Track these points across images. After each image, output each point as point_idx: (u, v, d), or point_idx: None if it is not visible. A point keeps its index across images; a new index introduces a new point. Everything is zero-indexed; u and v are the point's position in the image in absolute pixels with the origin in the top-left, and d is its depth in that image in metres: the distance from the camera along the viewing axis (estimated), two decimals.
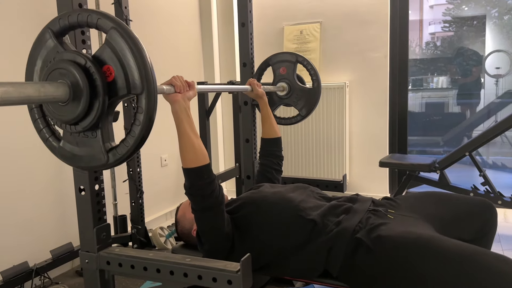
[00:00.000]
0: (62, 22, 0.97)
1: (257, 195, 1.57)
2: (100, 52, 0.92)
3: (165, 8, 3.16)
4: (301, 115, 2.25)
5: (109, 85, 0.92)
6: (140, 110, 0.92)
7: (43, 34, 0.99)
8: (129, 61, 0.90)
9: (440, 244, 1.22)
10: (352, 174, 3.44)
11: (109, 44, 0.91)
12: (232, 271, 1.13)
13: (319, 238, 1.39)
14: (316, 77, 2.20)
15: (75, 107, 0.91)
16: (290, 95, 2.23)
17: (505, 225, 2.86)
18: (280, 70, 2.23)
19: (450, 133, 4.66)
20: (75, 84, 0.89)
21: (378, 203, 1.54)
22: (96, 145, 0.97)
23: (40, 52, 1.00)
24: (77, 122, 0.95)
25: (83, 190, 1.31)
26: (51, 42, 0.98)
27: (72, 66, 0.90)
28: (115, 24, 0.90)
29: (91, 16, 0.93)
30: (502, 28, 5.21)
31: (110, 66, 0.91)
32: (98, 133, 0.96)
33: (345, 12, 3.33)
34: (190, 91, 1.41)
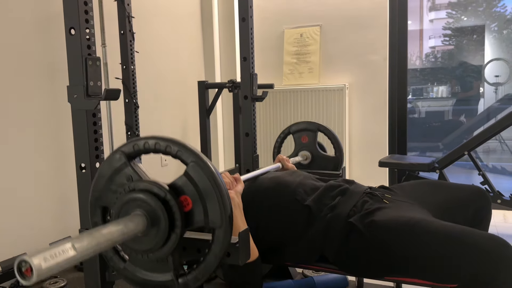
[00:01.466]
0: (136, 147, 0.96)
1: (254, 182, 1.58)
2: (178, 182, 0.92)
3: (167, 5, 3.22)
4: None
5: (186, 215, 0.92)
6: (216, 242, 0.92)
7: (115, 154, 0.99)
8: (209, 195, 0.91)
9: (429, 225, 1.23)
10: (351, 176, 3.44)
11: (188, 176, 0.91)
12: (231, 243, 1.13)
13: (314, 223, 1.40)
14: (338, 146, 2.27)
15: (151, 239, 0.90)
16: (312, 163, 2.29)
17: (504, 226, 2.86)
18: (301, 139, 2.29)
19: (449, 137, 4.68)
20: (152, 216, 0.89)
21: (375, 189, 1.56)
22: (166, 271, 0.96)
23: (111, 174, 0.99)
24: (152, 252, 0.93)
25: (84, 168, 1.32)
26: (123, 166, 0.98)
27: (151, 198, 0.89)
28: (195, 158, 0.91)
29: (170, 147, 0.93)
30: (502, 42, 5.27)
31: (187, 197, 0.92)
32: (169, 260, 0.95)
33: (345, 16, 3.38)
34: (239, 185, 1.43)
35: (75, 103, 1.30)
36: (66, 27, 1.29)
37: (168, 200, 0.90)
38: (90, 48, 1.31)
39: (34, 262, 0.64)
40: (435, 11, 6.78)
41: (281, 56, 3.59)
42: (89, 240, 0.75)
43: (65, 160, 2.31)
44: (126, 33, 2.36)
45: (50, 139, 2.28)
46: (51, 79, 2.24)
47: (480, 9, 5.72)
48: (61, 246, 0.69)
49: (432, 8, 6.76)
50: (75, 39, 1.28)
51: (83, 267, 1.40)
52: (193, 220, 0.92)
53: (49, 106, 2.26)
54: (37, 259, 0.65)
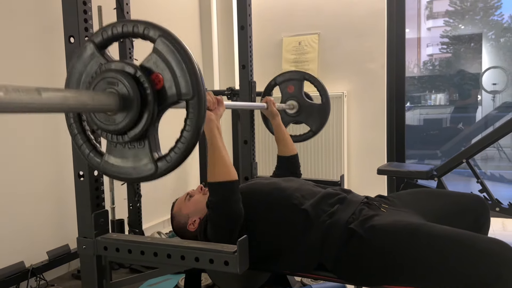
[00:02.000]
0: (105, 34, 0.97)
1: (251, 187, 1.58)
2: (147, 61, 0.92)
3: (166, 12, 3.23)
4: (312, 131, 2.28)
5: (158, 92, 0.91)
6: (191, 115, 0.91)
7: (85, 47, 0.98)
8: (178, 67, 0.89)
9: (430, 229, 1.23)
10: (350, 183, 3.44)
11: (156, 52, 0.91)
12: (229, 252, 1.13)
13: (312, 230, 1.39)
14: (324, 93, 2.24)
15: (124, 117, 0.89)
16: (299, 112, 2.27)
17: (503, 234, 2.85)
18: (287, 88, 2.27)
19: (448, 145, 4.69)
20: (124, 93, 0.88)
21: (372, 199, 1.56)
22: (144, 156, 0.93)
23: (82, 64, 0.98)
24: (125, 132, 0.91)
25: (82, 176, 1.32)
26: (94, 54, 0.97)
27: (122, 75, 0.88)
28: (162, 32, 0.91)
29: (137, 26, 0.93)
30: (499, 50, 5.30)
31: (158, 74, 0.90)
32: (145, 143, 0.93)
33: (343, 24, 3.40)
34: (220, 107, 1.44)
35: None
36: (65, 36, 1.30)
37: (139, 76, 0.89)
38: None
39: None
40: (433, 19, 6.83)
41: (279, 63, 3.60)
42: (56, 91, 0.73)
43: (63, 167, 2.31)
44: (125, 40, 2.37)
45: (48, 146, 2.27)
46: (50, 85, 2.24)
47: (477, 18, 5.77)
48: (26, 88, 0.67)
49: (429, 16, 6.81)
50: (75, 47, 1.28)
51: (80, 275, 1.39)
52: (166, 96, 0.91)
53: (48, 114, 2.26)
54: None
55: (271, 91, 2.31)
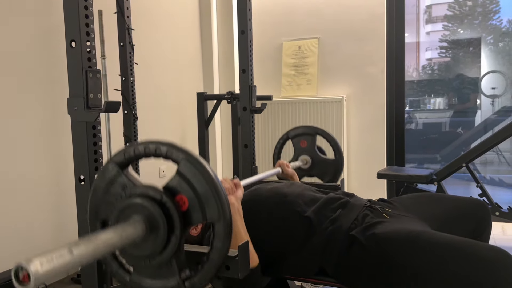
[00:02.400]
0: (127, 154, 0.97)
1: (252, 193, 1.58)
2: (172, 183, 0.92)
3: (167, 17, 3.24)
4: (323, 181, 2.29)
5: (184, 214, 0.91)
6: (218, 237, 0.91)
7: (107, 167, 0.99)
8: (204, 190, 0.90)
9: (431, 237, 1.23)
10: (350, 187, 3.44)
11: (180, 174, 0.91)
12: (230, 257, 1.13)
13: (314, 236, 1.39)
14: (337, 148, 2.24)
15: (151, 243, 0.89)
16: (313, 167, 2.26)
17: (503, 238, 2.85)
18: (300, 143, 2.27)
19: (447, 149, 4.69)
20: (151, 220, 0.88)
21: (374, 202, 1.55)
22: (171, 276, 0.93)
23: (105, 185, 0.99)
24: (153, 257, 0.92)
25: (83, 180, 1.32)
26: (117, 176, 0.97)
27: (148, 202, 0.89)
28: (186, 155, 0.91)
29: (160, 149, 0.93)
30: (498, 54, 5.32)
31: (183, 196, 0.91)
32: (173, 263, 0.93)
33: (342, 29, 3.41)
34: (239, 190, 1.43)
35: (75, 115, 1.30)
36: (67, 40, 1.30)
37: (165, 202, 0.90)
38: (91, 61, 1.31)
39: (31, 267, 0.64)
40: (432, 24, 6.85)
41: (279, 68, 3.61)
42: (86, 244, 0.74)
43: (63, 172, 2.30)
44: (126, 45, 2.37)
45: (48, 151, 2.27)
46: (50, 91, 2.24)
47: (476, 22, 5.79)
48: (57, 251, 0.69)
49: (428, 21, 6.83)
50: (76, 51, 1.28)
51: (80, 279, 1.39)
52: (191, 218, 0.91)
53: (48, 118, 2.26)
54: (34, 264, 0.64)
55: (284, 144, 2.32)
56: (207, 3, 3.63)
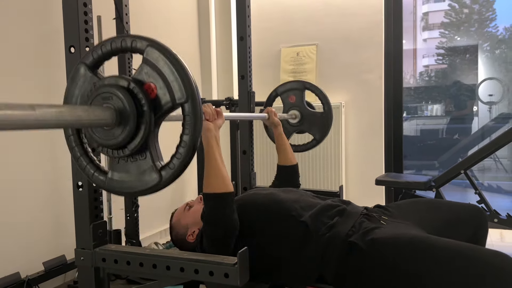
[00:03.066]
0: (95, 54, 0.97)
1: (249, 198, 1.57)
2: (139, 72, 0.92)
3: (165, 23, 3.24)
4: (315, 139, 2.28)
5: (154, 101, 0.91)
6: (187, 118, 0.91)
7: (78, 69, 0.99)
8: (169, 73, 0.90)
9: (434, 243, 1.23)
10: (348, 193, 3.44)
11: (147, 61, 0.92)
12: (229, 264, 1.12)
13: (312, 243, 1.38)
14: (326, 101, 2.24)
15: (122, 130, 0.89)
16: (302, 122, 2.27)
17: (501, 245, 2.85)
18: (289, 99, 2.27)
19: (445, 155, 4.70)
20: (120, 106, 0.88)
21: (371, 210, 1.55)
22: (147, 167, 0.93)
23: (77, 86, 0.99)
24: (125, 145, 0.92)
25: (81, 186, 1.31)
26: (87, 75, 0.98)
27: (116, 89, 0.89)
28: (149, 42, 0.92)
29: (125, 41, 0.94)
30: (494, 61, 5.35)
31: (151, 84, 0.91)
32: (147, 153, 0.93)
33: (341, 36, 3.42)
34: (219, 119, 1.44)
35: None
36: (66, 45, 1.30)
37: (132, 88, 0.90)
38: None
39: None
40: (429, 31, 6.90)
41: (277, 74, 3.61)
42: (50, 106, 0.74)
43: (59, 178, 2.29)
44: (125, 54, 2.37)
45: (45, 156, 2.26)
46: (49, 96, 2.24)
47: (472, 29, 5.82)
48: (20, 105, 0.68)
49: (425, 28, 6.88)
50: (75, 57, 1.28)
51: (77, 286, 1.38)
52: (160, 104, 0.91)
53: None
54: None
55: (273, 101, 2.31)
56: (205, 9, 3.64)
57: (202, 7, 3.65)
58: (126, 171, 0.96)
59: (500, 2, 5.49)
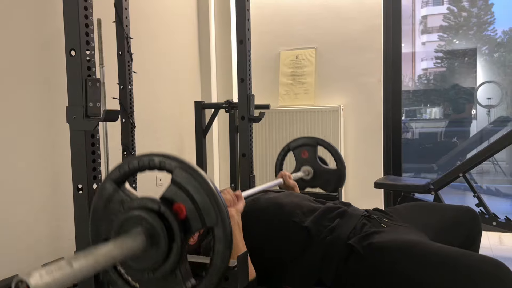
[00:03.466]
0: (122, 170, 0.98)
1: (250, 203, 1.58)
2: (168, 192, 0.93)
3: (165, 26, 3.25)
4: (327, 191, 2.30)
5: (183, 223, 0.92)
6: (218, 241, 0.91)
7: (104, 185, 1.00)
8: (199, 196, 0.90)
9: (427, 247, 1.24)
10: (347, 196, 3.44)
11: (175, 183, 0.92)
12: (229, 267, 1.12)
13: (313, 246, 1.39)
14: (339, 157, 2.28)
15: (153, 254, 0.90)
16: (315, 178, 2.29)
17: (500, 248, 2.85)
18: (301, 154, 2.29)
19: (443, 159, 4.71)
20: (150, 231, 0.89)
21: (372, 212, 1.56)
22: (177, 287, 0.93)
23: (103, 203, 1.00)
24: (156, 269, 0.92)
25: (81, 189, 1.31)
26: (115, 193, 0.98)
27: (146, 213, 0.89)
28: (178, 163, 0.92)
29: (153, 160, 0.95)
30: (493, 65, 5.36)
31: (180, 204, 0.92)
32: (177, 274, 0.93)
33: (340, 39, 3.43)
34: (240, 203, 1.44)
35: (74, 124, 1.30)
36: (66, 49, 1.30)
37: (163, 212, 0.90)
38: (90, 70, 1.31)
39: (31, 281, 0.64)
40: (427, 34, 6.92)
41: (277, 77, 3.62)
42: (85, 257, 0.74)
43: (60, 180, 2.29)
44: (124, 53, 2.38)
45: (45, 159, 2.26)
46: (48, 99, 2.24)
47: (471, 33, 5.84)
48: (57, 264, 0.69)
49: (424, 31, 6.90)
50: (76, 60, 1.29)
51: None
52: (190, 225, 0.92)
53: (45, 126, 2.25)
54: (34, 277, 0.65)
55: (285, 156, 2.34)
56: (205, 12, 3.65)
57: (202, 10, 3.66)
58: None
59: (498, 6, 5.52)
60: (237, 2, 2.18)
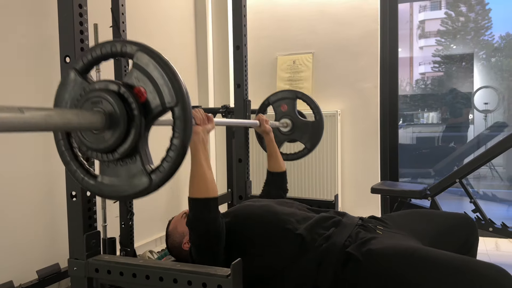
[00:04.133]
0: (85, 59, 0.98)
1: (244, 210, 1.57)
2: (129, 77, 0.93)
3: (162, 31, 3.25)
4: (307, 148, 2.29)
5: (144, 105, 0.92)
6: (177, 121, 0.91)
7: (68, 74, 1.00)
8: (158, 77, 0.91)
9: (427, 253, 1.24)
10: (344, 202, 3.44)
11: (136, 66, 0.92)
12: (222, 276, 1.12)
13: (308, 254, 1.38)
14: (317, 110, 2.26)
15: (112, 133, 0.90)
16: (293, 130, 2.28)
17: (497, 254, 2.85)
18: (281, 107, 2.28)
19: (441, 164, 4.71)
20: (110, 110, 0.89)
21: (366, 220, 1.56)
22: (137, 170, 0.93)
23: (66, 91, 1.00)
24: (115, 149, 0.92)
25: (74, 196, 1.31)
26: (78, 80, 0.98)
27: (106, 93, 0.90)
28: (139, 46, 0.93)
29: (115, 46, 0.95)
30: (490, 69, 5.38)
31: (140, 88, 0.92)
32: (137, 157, 0.93)
33: (337, 44, 3.44)
34: (209, 124, 1.45)
35: None
36: (61, 55, 1.30)
37: (123, 93, 0.90)
38: None
39: None
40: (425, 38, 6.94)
41: (274, 82, 3.62)
42: (40, 110, 0.75)
43: (54, 186, 2.28)
44: (121, 59, 2.37)
45: (40, 164, 2.25)
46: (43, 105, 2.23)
47: (468, 37, 5.86)
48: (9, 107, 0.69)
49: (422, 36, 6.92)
50: (70, 66, 1.28)
51: None
52: (150, 108, 0.92)
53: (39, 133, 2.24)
54: None
55: (265, 110, 2.32)
56: (202, 17, 3.66)
57: (199, 15, 3.67)
58: (116, 175, 0.96)
59: (496, 11, 5.54)
60: (234, 8, 2.19)
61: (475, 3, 5.87)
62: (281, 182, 2.06)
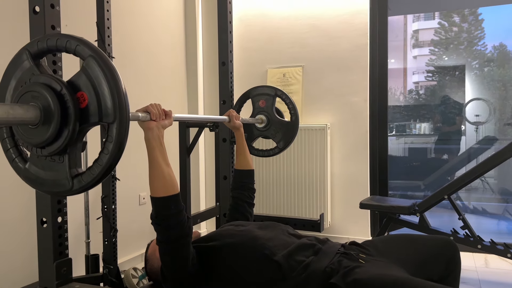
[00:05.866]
0: (40, 44, 0.97)
1: (223, 232, 1.54)
2: (76, 78, 0.92)
3: (150, 44, 3.22)
4: (278, 147, 2.28)
5: (82, 111, 0.91)
6: (110, 139, 0.91)
7: (20, 54, 0.99)
8: (104, 89, 0.90)
9: (411, 283, 1.21)
10: (333, 216, 3.41)
11: (85, 71, 0.91)
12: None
13: (287, 282, 1.35)
14: (294, 111, 2.25)
15: (44, 131, 0.90)
16: (268, 127, 2.27)
17: (486, 271, 2.82)
18: (259, 102, 2.27)
19: (431, 177, 4.69)
20: (46, 108, 0.89)
21: (348, 247, 1.53)
22: (62, 171, 0.95)
23: (15, 72, 0.99)
24: (44, 146, 0.94)
25: (45, 222, 1.28)
26: (27, 63, 0.98)
27: (46, 90, 0.90)
28: (93, 52, 0.91)
29: (70, 42, 0.94)
30: (483, 79, 5.39)
31: (84, 93, 0.91)
32: (65, 158, 0.94)
33: (327, 57, 3.43)
34: (166, 120, 1.42)
35: None
36: None
37: (63, 94, 0.90)
38: None
39: None
40: (419, 48, 6.96)
41: None
42: None
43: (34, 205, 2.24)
44: None
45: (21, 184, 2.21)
46: None
47: (461, 47, 5.87)
48: None
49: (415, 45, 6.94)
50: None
51: None
52: (88, 115, 0.91)
53: None
54: None
55: (244, 103, 2.31)
56: (193, 30, 3.64)
57: (189, 30, 3.65)
58: (43, 167, 0.97)
59: (488, 21, 5.56)
60: (219, 24, 2.17)
61: (468, 14, 5.89)
62: (248, 181, 1.99)
